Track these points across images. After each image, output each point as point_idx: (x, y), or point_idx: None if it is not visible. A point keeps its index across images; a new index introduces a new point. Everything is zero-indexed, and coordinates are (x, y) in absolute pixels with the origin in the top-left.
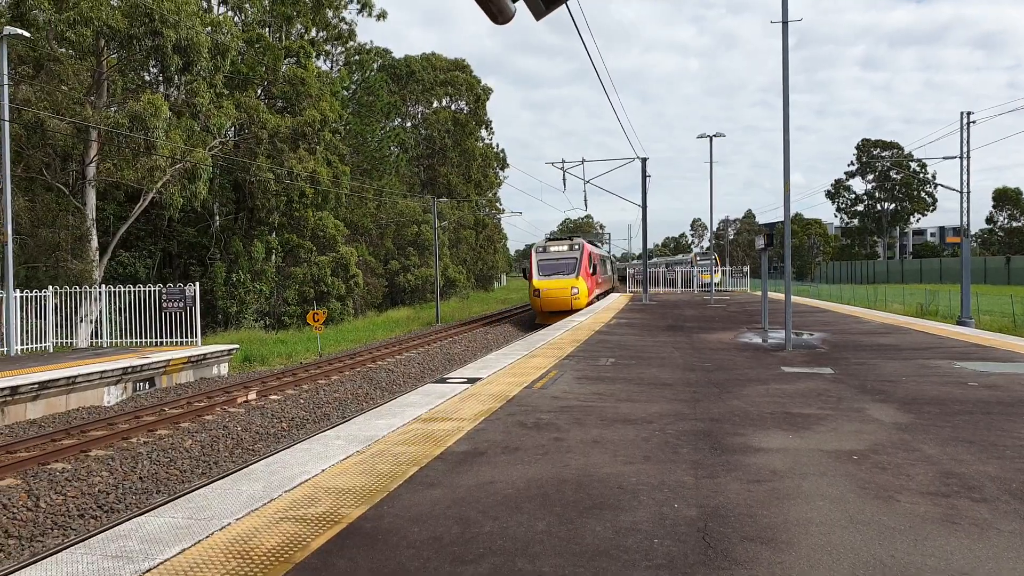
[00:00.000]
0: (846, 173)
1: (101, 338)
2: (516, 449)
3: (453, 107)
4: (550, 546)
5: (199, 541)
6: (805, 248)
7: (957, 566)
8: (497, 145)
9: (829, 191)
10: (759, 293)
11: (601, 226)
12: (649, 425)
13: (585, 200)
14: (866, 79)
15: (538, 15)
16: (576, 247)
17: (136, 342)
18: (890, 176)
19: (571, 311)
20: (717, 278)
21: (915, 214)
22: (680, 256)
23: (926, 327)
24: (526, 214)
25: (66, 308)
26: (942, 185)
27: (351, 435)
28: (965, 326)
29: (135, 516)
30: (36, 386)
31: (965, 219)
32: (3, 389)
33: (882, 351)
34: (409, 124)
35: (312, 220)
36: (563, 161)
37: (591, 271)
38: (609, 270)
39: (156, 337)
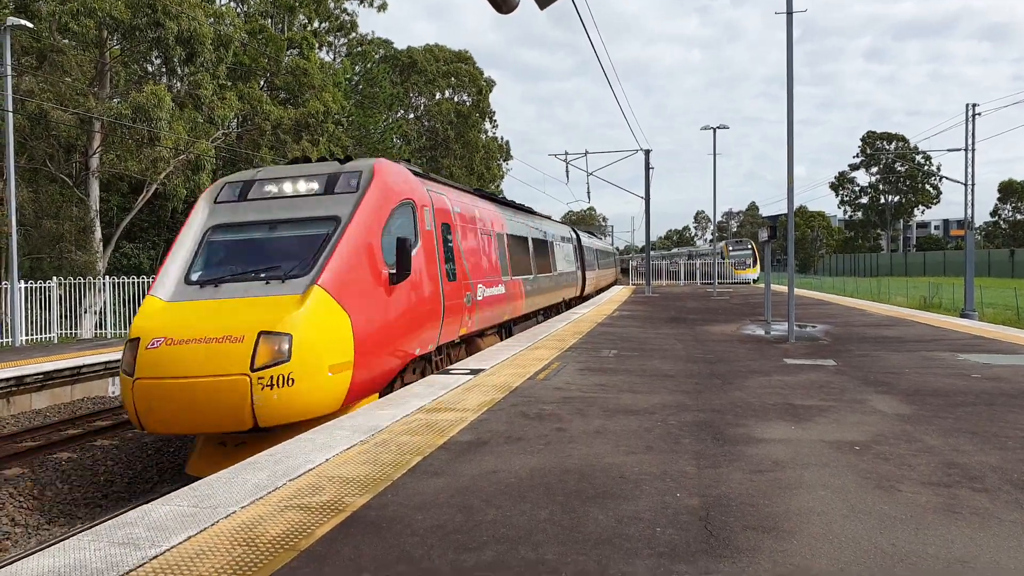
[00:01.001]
0: (850, 165)
1: (105, 329)
2: (519, 439)
3: (456, 99)
4: (553, 534)
5: (205, 529)
6: (808, 240)
7: (957, 554)
8: (501, 137)
9: (833, 183)
10: (762, 285)
11: (604, 219)
12: (651, 416)
13: (588, 192)
14: (871, 71)
15: (542, 4)
16: (345, 182)
17: None
18: (894, 168)
19: (261, 429)
20: (755, 273)
21: (919, 207)
22: (704, 246)
23: (930, 320)
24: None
25: (70, 299)
26: (947, 178)
27: (355, 425)
28: (969, 319)
29: (141, 504)
30: (41, 376)
31: (969, 212)
32: (9, 379)
33: (885, 343)
34: (412, 116)
35: None
36: (566, 153)
37: (386, 271)
38: (569, 262)
39: None
